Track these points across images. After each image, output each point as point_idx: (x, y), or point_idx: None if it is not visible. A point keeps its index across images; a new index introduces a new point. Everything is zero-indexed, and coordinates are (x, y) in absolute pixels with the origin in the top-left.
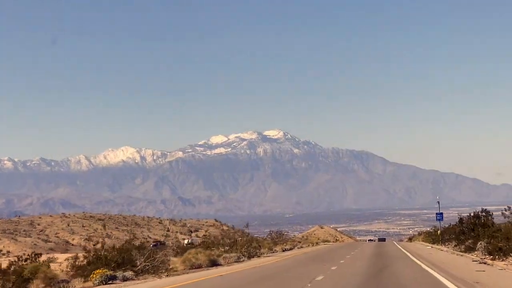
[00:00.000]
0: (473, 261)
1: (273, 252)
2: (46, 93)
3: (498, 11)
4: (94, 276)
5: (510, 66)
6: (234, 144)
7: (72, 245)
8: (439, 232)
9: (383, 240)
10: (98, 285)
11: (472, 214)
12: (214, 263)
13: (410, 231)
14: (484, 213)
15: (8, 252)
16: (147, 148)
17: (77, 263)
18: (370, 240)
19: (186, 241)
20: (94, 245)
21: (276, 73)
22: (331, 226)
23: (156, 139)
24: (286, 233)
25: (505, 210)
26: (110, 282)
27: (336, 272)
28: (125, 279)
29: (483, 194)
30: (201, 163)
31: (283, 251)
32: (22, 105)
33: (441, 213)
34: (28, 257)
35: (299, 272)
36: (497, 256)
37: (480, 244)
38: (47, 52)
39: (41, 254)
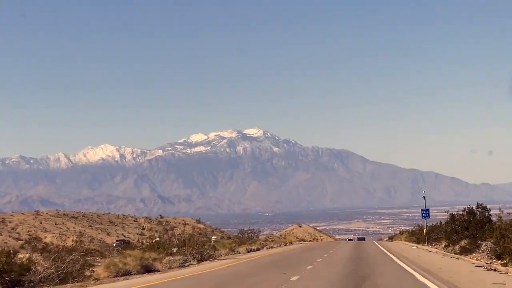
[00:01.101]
0: (476, 266)
1: (234, 254)
2: (25, 91)
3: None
4: None
5: (488, 66)
6: (214, 142)
7: (45, 243)
8: (425, 230)
9: (363, 239)
10: None
11: (466, 210)
12: (147, 269)
13: (390, 230)
14: (480, 209)
15: None
16: (127, 146)
17: None
18: (350, 239)
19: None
20: None
21: (256, 72)
22: (311, 225)
23: (135, 137)
24: (258, 231)
25: None
26: None
27: (295, 287)
28: None
29: (463, 194)
30: (180, 161)
31: (248, 252)
32: (0, 103)
33: (427, 210)
34: None
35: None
36: (509, 262)
37: (486, 245)
38: (26, 50)
39: None
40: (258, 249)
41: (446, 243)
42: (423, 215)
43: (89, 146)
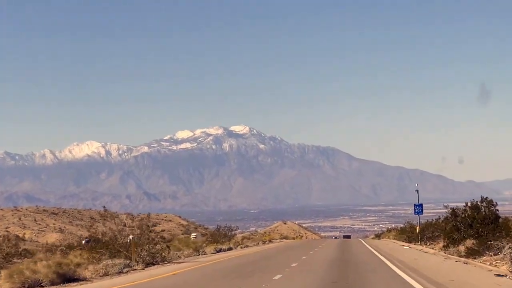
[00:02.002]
0: (497, 276)
1: (199, 255)
2: (10, 86)
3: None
4: None
5: (471, 64)
6: (200, 139)
7: (23, 239)
8: (418, 228)
9: (348, 237)
10: None
11: (468, 205)
12: (67, 278)
13: (375, 227)
14: (485, 203)
15: None
16: (113, 143)
17: None
18: (336, 237)
19: (130, 237)
20: None
21: (242, 69)
22: (296, 222)
23: (121, 134)
24: (236, 228)
25: None
26: None
27: None
28: None
29: (448, 191)
30: (166, 158)
31: (217, 252)
32: None
33: (421, 205)
34: None
35: None
36: None
37: (510, 247)
38: (10, 46)
39: None
40: (229, 249)
41: (445, 243)
42: (416, 210)
43: (75, 142)
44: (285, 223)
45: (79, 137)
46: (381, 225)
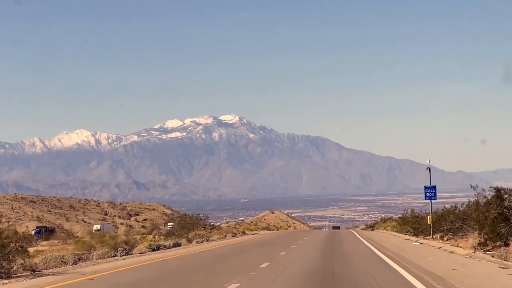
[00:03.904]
0: None
1: (114, 256)
2: None
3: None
4: None
5: (462, 55)
6: (190, 128)
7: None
8: (429, 218)
9: (338, 228)
10: None
11: None
12: None
13: (365, 217)
14: None
15: None
16: (102, 132)
17: None
18: (325, 228)
19: (95, 227)
20: None
21: (232, 58)
22: (285, 212)
23: (111, 123)
24: (205, 217)
25: None
26: None
27: None
28: None
29: (438, 181)
30: (156, 147)
31: (152, 250)
32: None
33: (434, 187)
34: None
35: None
36: None
37: None
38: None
39: None
40: (176, 245)
41: (482, 240)
42: (427, 195)
43: (64, 131)
44: (272, 213)
45: (69, 125)
46: (370, 215)
